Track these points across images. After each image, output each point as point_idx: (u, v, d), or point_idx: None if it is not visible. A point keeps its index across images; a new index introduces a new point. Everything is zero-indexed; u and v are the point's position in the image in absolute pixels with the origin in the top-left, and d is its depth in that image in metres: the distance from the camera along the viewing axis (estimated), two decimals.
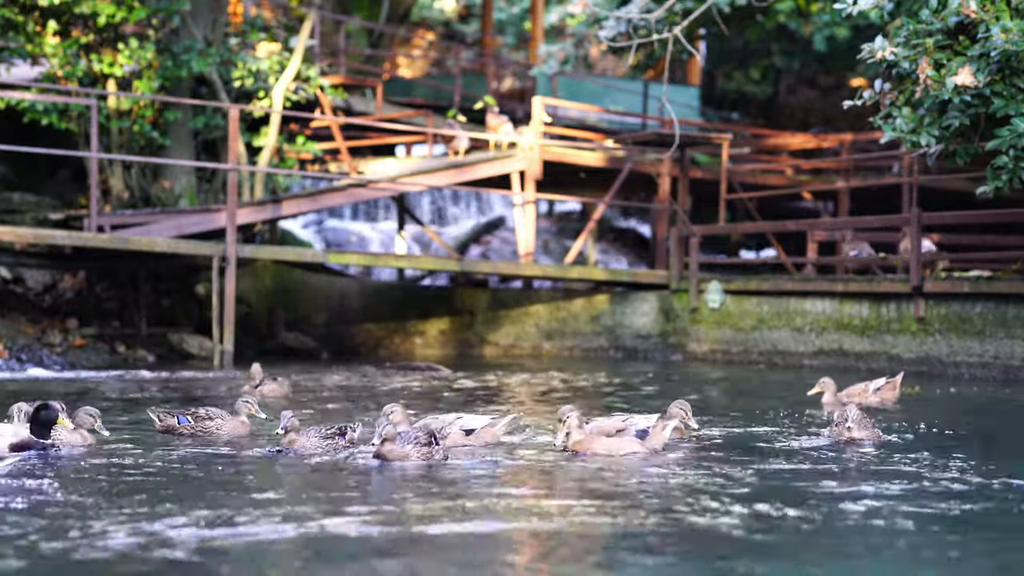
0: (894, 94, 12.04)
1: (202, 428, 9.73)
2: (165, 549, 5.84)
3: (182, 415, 9.86)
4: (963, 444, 9.62)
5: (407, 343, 21.27)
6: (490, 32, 34.50)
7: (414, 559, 5.76)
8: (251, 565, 5.67)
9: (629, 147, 21.81)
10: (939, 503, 7.07)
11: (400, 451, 8.35)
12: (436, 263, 20.28)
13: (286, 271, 21.43)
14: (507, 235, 26.78)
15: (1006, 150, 11.18)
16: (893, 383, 12.50)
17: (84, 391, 13.32)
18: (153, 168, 20.12)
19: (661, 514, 6.77)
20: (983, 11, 11.20)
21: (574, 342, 20.38)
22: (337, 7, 31.55)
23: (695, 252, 19.19)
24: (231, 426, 9.82)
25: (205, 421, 9.78)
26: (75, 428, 8.99)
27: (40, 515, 6.59)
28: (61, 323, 18.26)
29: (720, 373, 16.90)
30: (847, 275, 18.38)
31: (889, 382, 12.50)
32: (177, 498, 7.05)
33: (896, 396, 12.47)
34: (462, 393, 13.77)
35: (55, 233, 17.22)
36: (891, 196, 22.15)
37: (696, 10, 17.77)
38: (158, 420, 9.88)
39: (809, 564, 5.75)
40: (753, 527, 6.43)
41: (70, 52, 19.04)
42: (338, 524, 6.38)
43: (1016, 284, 15.51)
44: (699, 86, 32.02)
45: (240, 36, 21.47)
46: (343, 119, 21.53)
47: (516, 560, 5.84)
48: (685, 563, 5.79)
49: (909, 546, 6.12)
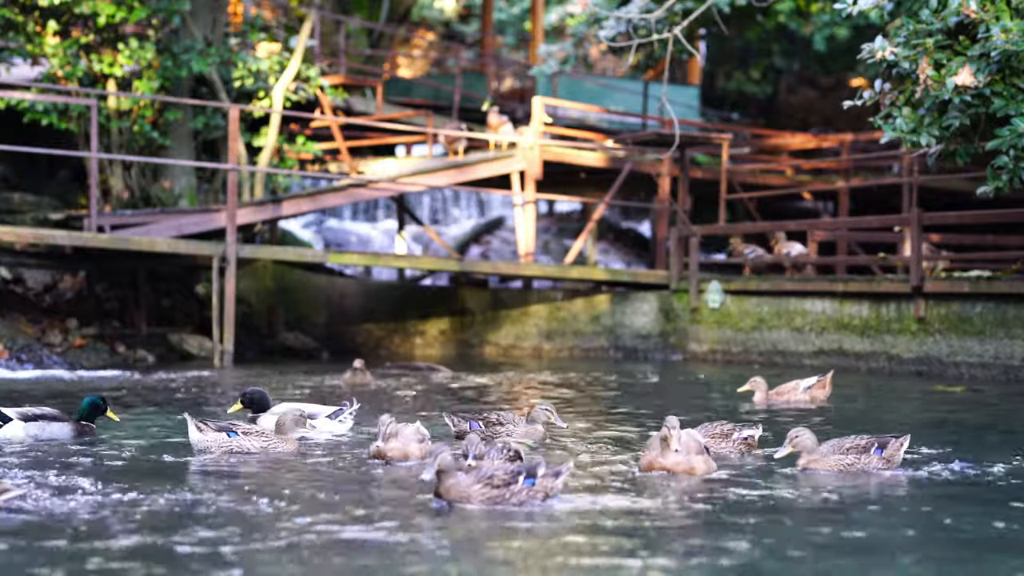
0: (894, 94, 12.04)
1: (492, 433, 9.45)
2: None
3: (474, 420, 9.64)
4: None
5: (407, 343, 21.27)
6: (490, 32, 34.48)
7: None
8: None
9: (629, 147, 21.80)
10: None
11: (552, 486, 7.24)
12: (436, 263, 20.28)
13: (286, 271, 21.42)
14: (507, 235, 26.78)
15: (1006, 150, 11.18)
16: (823, 382, 12.63)
17: (100, 389, 13.31)
18: (153, 168, 20.11)
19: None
20: (983, 11, 11.20)
21: (574, 342, 20.38)
22: (337, 7, 31.54)
23: (695, 252, 19.19)
24: (523, 432, 9.54)
25: (496, 427, 9.54)
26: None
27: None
28: (61, 323, 18.26)
29: (720, 373, 16.91)
30: (847, 275, 18.40)
31: (820, 380, 12.63)
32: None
33: (827, 395, 12.58)
34: (463, 393, 13.77)
35: (55, 233, 17.21)
36: (891, 196, 22.15)
37: (696, 10, 17.77)
38: (452, 425, 9.71)
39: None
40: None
41: (70, 52, 19.03)
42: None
43: (1016, 284, 15.51)
44: (699, 86, 32.00)
45: (240, 36, 21.47)
46: (343, 119, 21.53)
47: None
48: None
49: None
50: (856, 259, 18.84)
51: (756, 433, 9.12)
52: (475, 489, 6.90)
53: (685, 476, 7.84)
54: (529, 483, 6.99)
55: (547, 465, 7.19)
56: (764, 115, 35.34)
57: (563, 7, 38.34)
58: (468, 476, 7.00)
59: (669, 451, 7.85)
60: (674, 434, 7.84)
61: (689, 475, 7.84)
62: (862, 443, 8.35)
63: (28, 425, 9.43)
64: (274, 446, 8.94)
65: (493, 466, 7.23)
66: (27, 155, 20.13)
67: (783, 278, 18.70)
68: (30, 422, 9.46)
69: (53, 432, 9.49)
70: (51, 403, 10.90)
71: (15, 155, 20.14)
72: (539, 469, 7.07)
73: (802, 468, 8.26)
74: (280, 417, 9.17)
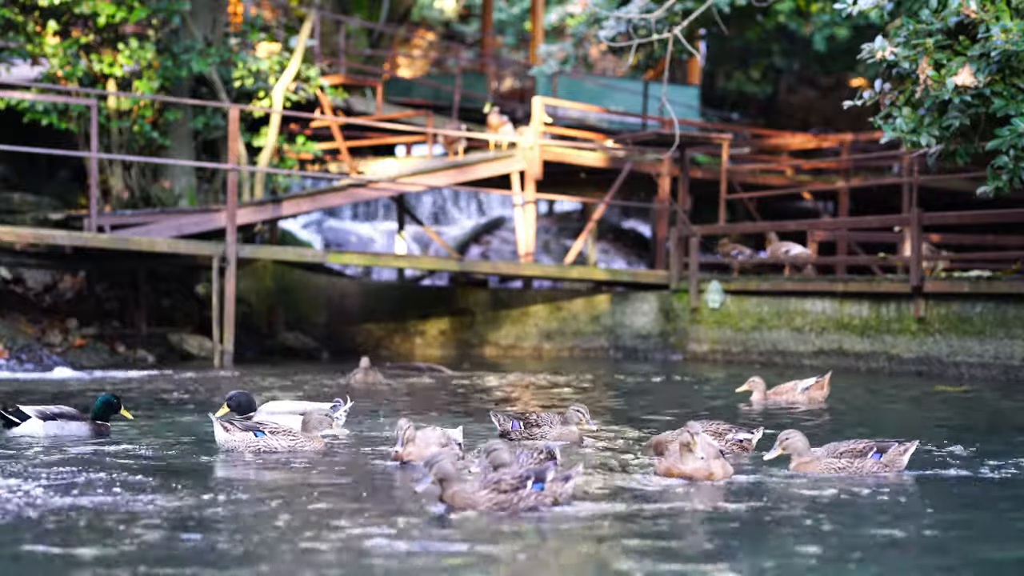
0: (894, 94, 12.03)
1: (529, 434, 9.47)
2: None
3: (516, 420, 9.62)
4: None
5: (407, 343, 21.27)
6: (490, 32, 34.47)
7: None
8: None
9: (629, 147, 21.80)
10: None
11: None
12: (436, 263, 20.27)
13: (286, 271, 21.42)
14: (507, 235, 26.77)
15: (1006, 150, 11.18)
16: (821, 383, 12.63)
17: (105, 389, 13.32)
18: (153, 168, 20.11)
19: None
20: (983, 11, 11.20)
21: (574, 342, 20.38)
22: (337, 7, 31.54)
23: (695, 252, 19.19)
24: (557, 433, 9.51)
25: (533, 428, 9.53)
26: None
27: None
28: (61, 323, 18.25)
29: (720, 373, 16.91)
30: (847, 275, 18.40)
31: (818, 381, 12.64)
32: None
33: (824, 396, 12.58)
34: (462, 392, 13.78)
35: (55, 233, 17.21)
36: (891, 196, 22.14)
37: (696, 10, 17.77)
38: (498, 424, 9.70)
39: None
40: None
41: (70, 52, 19.03)
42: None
43: (1016, 284, 15.51)
44: (699, 86, 31.99)
45: (240, 36, 21.46)
46: (343, 119, 21.53)
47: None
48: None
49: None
50: (856, 259, 18.85)
51: (753, 438, 9.01)
52: (481, 495, 6.72)
53: (704, 481, 7.73)
54: (538, 488, 6.79)
55: (557, 469, 7.04)
56: (764, 115, 35.33)
57: (563, 7, 38.34)
58: (474, 483, 6.86)
59: (690, 457, 7.75)
60: (698, 440, 7.77)
61: (708, 480, 7.75)
62: (859, 447, 8.15)
63: (47, 424, 9.62)
64: (301, 445, 8.98)
65: (500, 472, 7.05)
66: (27, 155, 20.13)
67: (783, 278, 18.70)
68: (49, 421, 9.64)
69: (71, 431, 9.64)
70: (50, 403, 10.89)
71: (15, 155, 20.14)
72: (548, 473, 6.91)
73: (793, 470, 8.14)
74: (306, 416, 9.22)
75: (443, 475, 6.76)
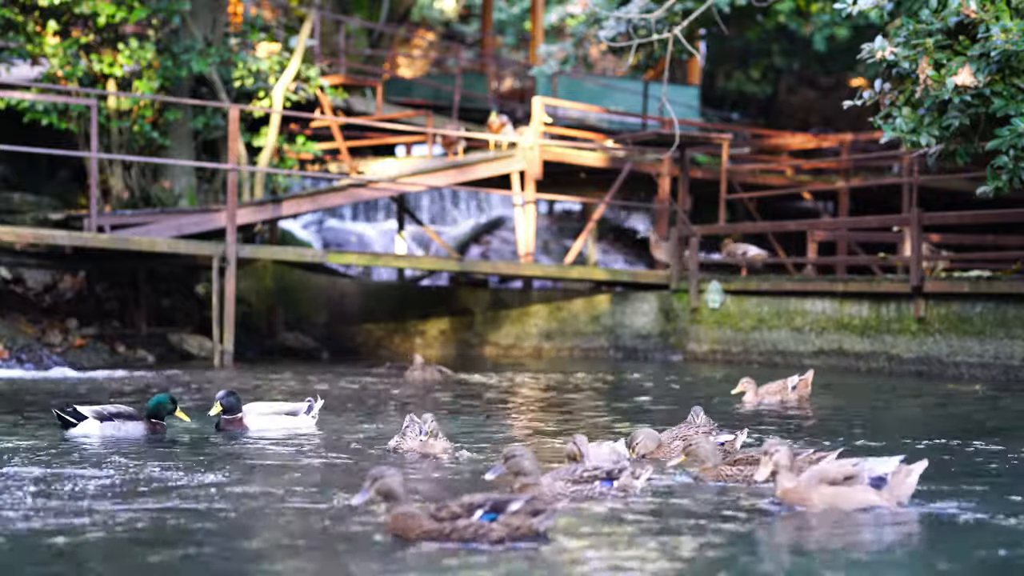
0: (894, 94, 12.03)
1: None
2: None
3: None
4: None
5: (407, 343, 21.26)
6: (490, 32, 34.48)
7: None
8: None
9: (629, 147, 21.80)
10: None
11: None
12: (436, 263, 20.27)
13: (286, 271, 21.42)
14: (507, 235, 26.76)
15: (1006, 150, 11.18)
16: (805, 380, 12.83)
17: (103, 390, 13.31)
18: (153, 168, 20.11)
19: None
20: (983, 11, 11.20)
21: (574, 342, 20.38)
22: (337, 7, 31.54)
23: (695, 252, 19.19)
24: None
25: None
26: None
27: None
28: (61, 323, 18.25)
29: (719, 373, 16.90)
30: (847, 275, 18.41)
31: (802, 379, 12.84)
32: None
33: (808, 394, 12.80)
34: (462, 392, 13.77)
35: (55, 233, 17.21)
36: (891, 196, 22.15)
37: (696, 10, 17.77)
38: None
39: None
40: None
41: (70, 52, 19.03)
42: None
43: (1016, 284, 15.51)
44: (699, 86, 32.00)
45: (240, 36, 21.46)
46: (343, 119, 21.52)
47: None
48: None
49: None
50: (856, 259, 18.86)
51: (737, 441, 8.74)
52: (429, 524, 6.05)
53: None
54: (490, 518, 6.10)
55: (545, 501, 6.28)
56: (764, 115, 35.34)
57: (563, 7, 38.35)
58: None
59: (786, 475, 6.99)
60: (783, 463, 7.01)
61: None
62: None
63: (104, 424, 9.71)
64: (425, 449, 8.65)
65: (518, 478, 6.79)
66: (27, 155, 20.12)
67: (783, 278, 18.71)
68: (106, 421, 9.73)
69: (128, 431, 9.75)
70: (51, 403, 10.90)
71: (15, 155, 20.13)
72: (511, 504, 6.14)
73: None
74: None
75: (385, 491, 6.14)
